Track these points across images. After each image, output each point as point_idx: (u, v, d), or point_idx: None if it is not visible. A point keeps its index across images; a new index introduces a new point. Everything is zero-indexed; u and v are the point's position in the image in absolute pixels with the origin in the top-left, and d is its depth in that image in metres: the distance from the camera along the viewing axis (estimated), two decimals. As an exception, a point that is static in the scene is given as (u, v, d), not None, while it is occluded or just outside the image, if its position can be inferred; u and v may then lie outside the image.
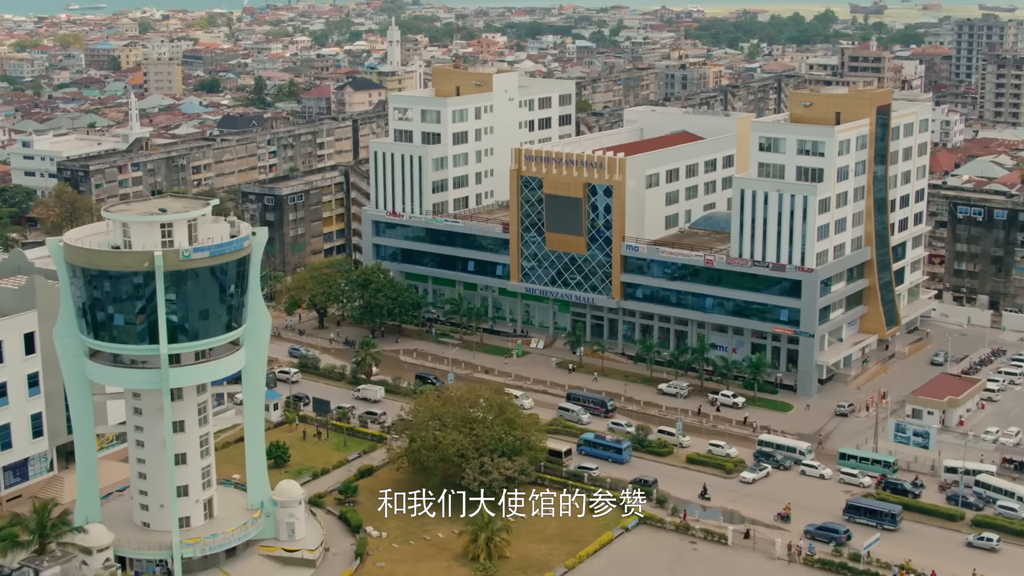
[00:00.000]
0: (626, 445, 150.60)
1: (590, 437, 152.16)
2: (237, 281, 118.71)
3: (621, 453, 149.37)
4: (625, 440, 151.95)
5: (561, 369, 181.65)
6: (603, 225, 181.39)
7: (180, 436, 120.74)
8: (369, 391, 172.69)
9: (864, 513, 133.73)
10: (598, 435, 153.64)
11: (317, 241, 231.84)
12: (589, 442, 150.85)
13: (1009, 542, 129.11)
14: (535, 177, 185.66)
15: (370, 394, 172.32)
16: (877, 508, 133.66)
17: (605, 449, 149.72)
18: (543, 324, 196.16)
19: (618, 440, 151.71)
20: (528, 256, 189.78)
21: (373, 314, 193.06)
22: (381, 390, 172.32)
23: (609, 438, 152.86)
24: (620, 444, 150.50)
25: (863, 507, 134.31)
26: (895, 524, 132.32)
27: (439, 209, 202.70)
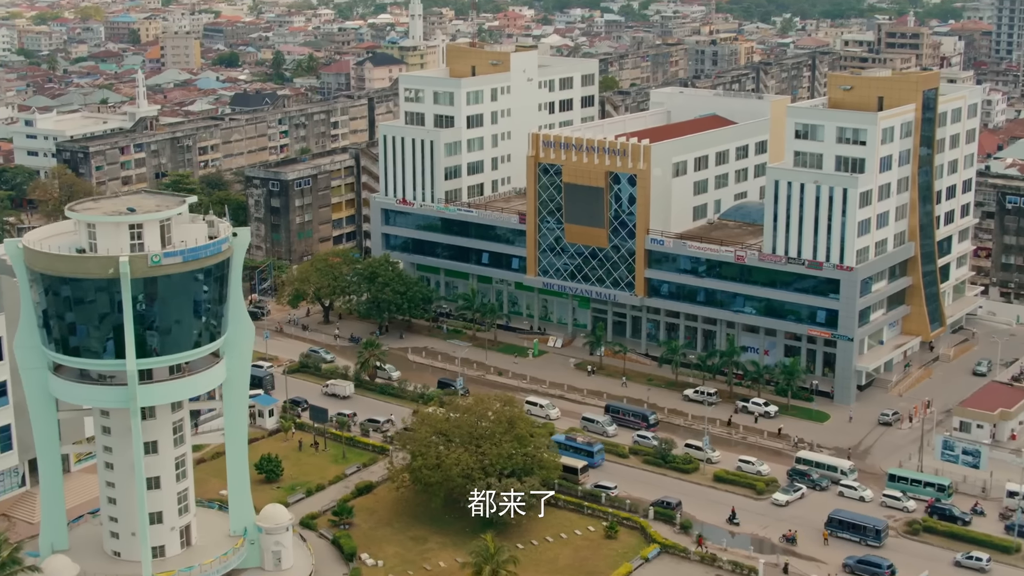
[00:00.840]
0: (598, 448, 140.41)
1: (560, 439, 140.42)
2: (215, 288, 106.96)
3: (593, 456, 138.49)
4: (597, 443, 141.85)
5: (580, 371, 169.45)
6: (626, 216, 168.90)
7: (153, 458, 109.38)
8: (338, 387, 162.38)
9: (847, 528, 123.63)
10: (569, 436, 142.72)
11: (325, 228, 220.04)
12: (560, 444, 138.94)
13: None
14: (554, 164, 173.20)
15: (339, 390, 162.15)
16: (860, 523, 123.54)
17: (576, 452, 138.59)
18: (562, 321, 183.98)
19: (590, 443, 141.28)
20: (546, 249, 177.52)
21: (380, 309, 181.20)
22: (350, 386, 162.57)
23: (581, 440, 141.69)
24: (592, 447, 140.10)
25: (845, 521, 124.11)
26: (879, 541, 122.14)
27: (452, 197, 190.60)
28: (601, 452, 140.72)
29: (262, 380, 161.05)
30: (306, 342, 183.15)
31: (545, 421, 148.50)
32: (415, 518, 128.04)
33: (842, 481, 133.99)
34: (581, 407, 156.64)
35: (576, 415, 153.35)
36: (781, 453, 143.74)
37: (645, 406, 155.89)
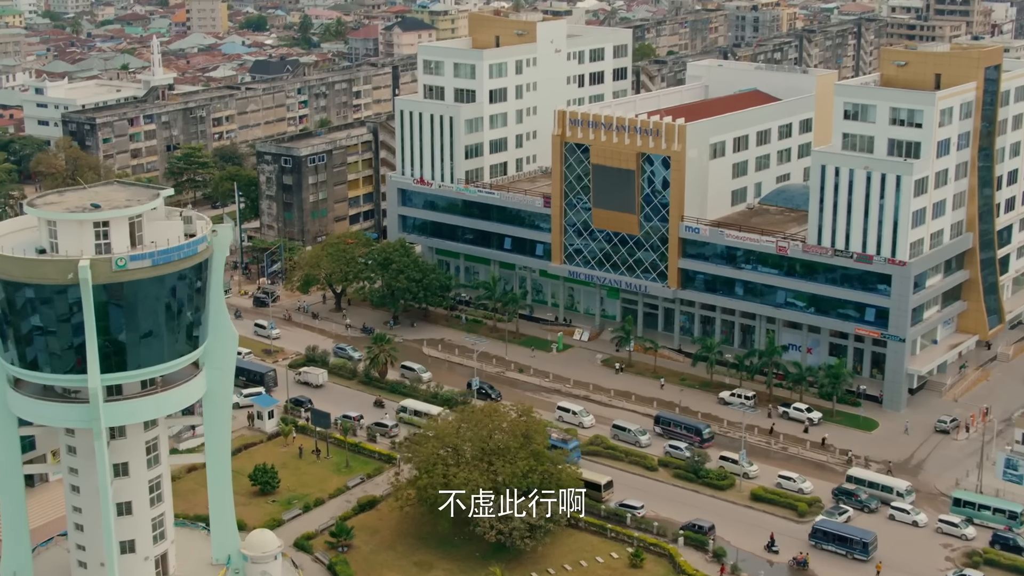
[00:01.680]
0: (573, 445, 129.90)
1: None
2: (192, 293, 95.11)
3: (568, 454, 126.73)
4: (573, 439, 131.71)
5: (607, 368, 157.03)
6: (659, 201, 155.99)
7: (124, 481, 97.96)
8: (310, 375, 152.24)
9: (832, 539, 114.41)
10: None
11: (341, 207, 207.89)
12: None
13: None
14: (581, 144, 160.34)
15: (311, 378, 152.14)
16: (848, 534, 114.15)
17: (551, 447, 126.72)
18: (589, 311, 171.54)
19: (565, 438, 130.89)
20: (572, 234, 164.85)
21: (394, 297, 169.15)
22: (324, 373, 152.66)
23: (555, 436, 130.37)
24: (568, 443, 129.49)
25: (831, 532, 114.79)
26: (867, 554, 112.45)
27: (473, 177, 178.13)
28: (577, 449, 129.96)
29: (263, 378, 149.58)
30: (315, 332, 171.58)
31: (577, 429, 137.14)
32: (420, 540, 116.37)
33: (893, 503, 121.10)
34: (609, 411, 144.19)
35: (606, 421, 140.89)
36: (825, 467, 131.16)
37: (677, 410, 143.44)
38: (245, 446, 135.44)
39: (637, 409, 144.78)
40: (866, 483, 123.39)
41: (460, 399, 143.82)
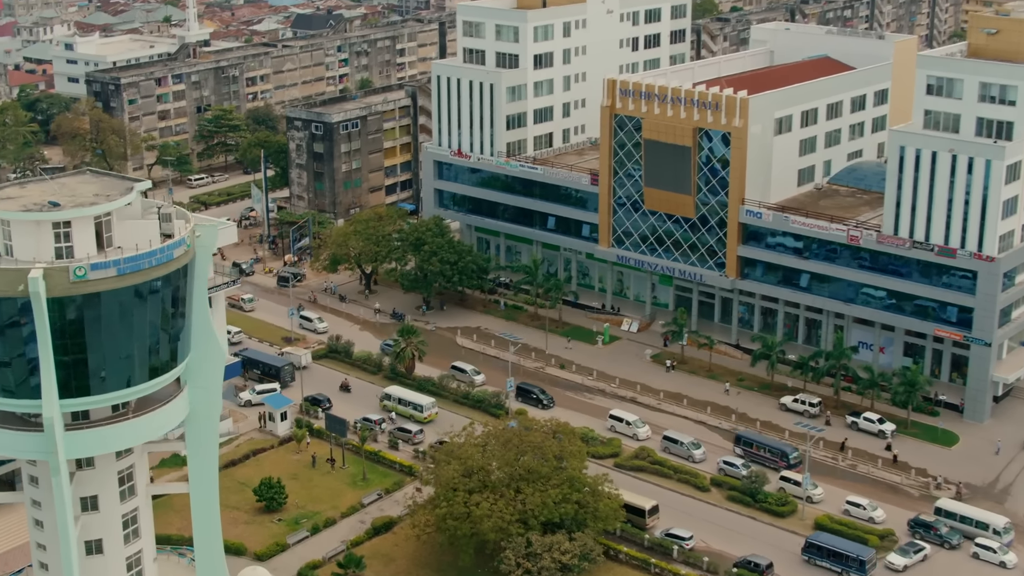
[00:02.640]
0: None
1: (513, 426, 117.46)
2: (170, 304, 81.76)
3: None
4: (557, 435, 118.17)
5: (657, 365, 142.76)
6: (717, 182, 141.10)
7: (93, 517, 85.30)
8: (293, 356, 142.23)
9: (825, 555, 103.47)
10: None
11: (376, 177, 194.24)
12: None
13: None
14: (632, 117, 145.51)
15: (293, 359, 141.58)
16: (843, 550, 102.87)
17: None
18: (639, 298, 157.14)
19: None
20: (622, 215, 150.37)
21: (427, 281, 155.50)
22: (308, 354, 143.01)
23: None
24: None
25: (825, 547, 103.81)
26: (863, 572, 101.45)
27: (515, 149, 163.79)
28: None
29: (279, 372, 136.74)
30: (341, 316, 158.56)
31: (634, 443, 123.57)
32: (440, 573, 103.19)
33: (979, 540, 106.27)
34: (657, 417, 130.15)
35: (654, 427, 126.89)
36: (899, 490, 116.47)
37: (734, 417, 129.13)
38: (254, 452, 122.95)
39: (689, 415, 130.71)
40: (957, 516, 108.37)
41: (494, 401, 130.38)
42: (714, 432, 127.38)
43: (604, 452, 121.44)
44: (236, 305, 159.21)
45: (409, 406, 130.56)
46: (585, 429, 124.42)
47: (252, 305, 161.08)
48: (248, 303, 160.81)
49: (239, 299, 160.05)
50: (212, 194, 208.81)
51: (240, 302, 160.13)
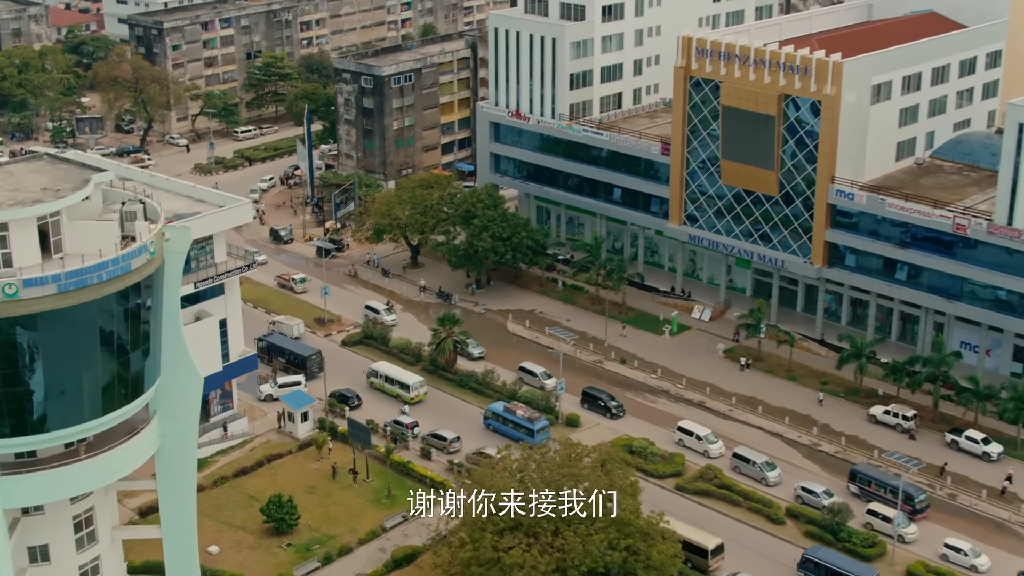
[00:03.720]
0: (540, 426, 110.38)
1: (498, 409, 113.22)
2: (127, 324, 67.46)
3: (533, 435, 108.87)
4: (541, 418, 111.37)
5: (730, 362, 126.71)
6: (804, 157, 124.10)
7: (42, 570, 71.70)
8: (284, 325, 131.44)
9: (822, 572, 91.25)
10: (508, 407, 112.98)
11: (431, 135, 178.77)
12: (497, 415, 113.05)
13: None
14: (710, 80, 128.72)
15: (286, 329, 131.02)
16: (840, 568, 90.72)
17: (516, 428, 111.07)
18: (713, 280, 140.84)
19: (531, 418, 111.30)
20: (695, 190, 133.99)
21: (476, 258, 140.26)
22: (300, 324, 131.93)
23: (520, 414, 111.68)
24: (533, 424, 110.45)
25: (821, 563, 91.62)
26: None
27: (579, 111, 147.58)
28: (545, 431, 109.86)
29: (306, 362, 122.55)
30: (383, 294, 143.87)
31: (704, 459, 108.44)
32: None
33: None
34: (727, 426, 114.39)
35: (729, 442, 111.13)
36: (1006, 528, 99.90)
37: (816, 430, 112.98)
38: (268, 458, 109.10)
39: (764, 424, 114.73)
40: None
41: (543, 403, 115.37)
42: (792, 448, 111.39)
43: (665, 471, 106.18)
44: (286, 286, 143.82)
45: (396, 384, 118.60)
46: (644, 442, 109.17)
47: (304, 286, 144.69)
48: (299, 284, 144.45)
49: (289, 279, 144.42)
50: (258, 148, 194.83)
51: (291, 283, 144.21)
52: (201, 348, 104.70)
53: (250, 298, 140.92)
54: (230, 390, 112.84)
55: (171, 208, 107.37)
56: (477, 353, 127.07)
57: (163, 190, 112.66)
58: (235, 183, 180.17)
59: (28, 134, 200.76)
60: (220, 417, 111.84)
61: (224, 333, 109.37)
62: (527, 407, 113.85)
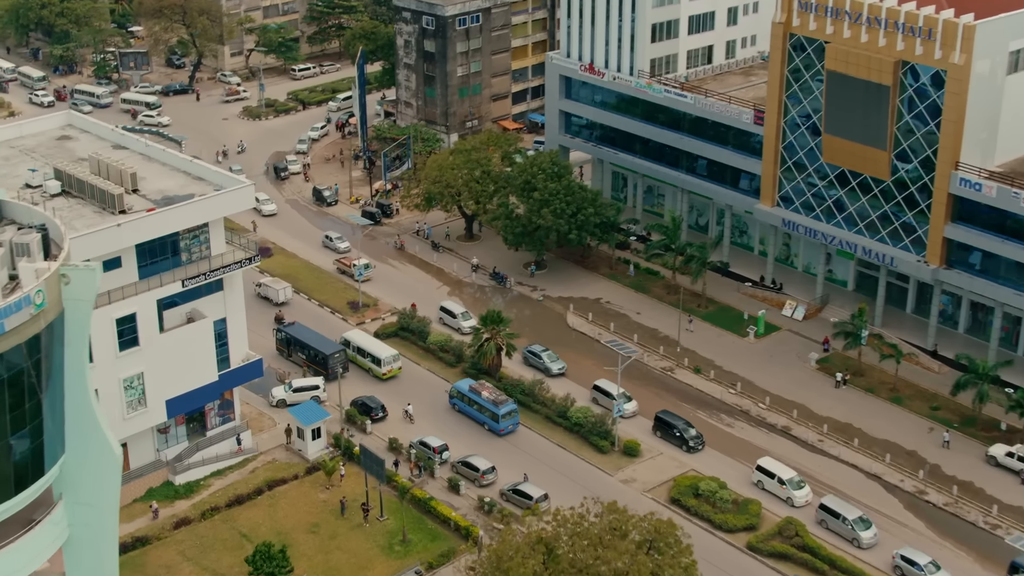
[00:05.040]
0: (507, 410, 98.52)
1: (464, 388, 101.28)
2: (7, 398, 51.07)
3: (497, 420, 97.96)
4: (508, 401, 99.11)
5: (823, 376, 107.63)
6: (923, 136, 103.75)
7: None
8: (270, 289, 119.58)
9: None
10: (474, 387, 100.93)
11: (501, 82, 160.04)
12: (462, 395, 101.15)
13: None
14: (813, 39, 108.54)
15: (271, 293, 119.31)
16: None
17: (481, 410, 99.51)
18: (810, 269, 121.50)
19: (496, 400, 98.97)
20: (792, 168, 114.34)
21: (536, 237, 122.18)
22: (288, 288, 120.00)
23: (486, 395, 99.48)
24: (498, 407, 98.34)
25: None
26: None
27: (662, 67, 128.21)
28: (513, 416, 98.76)
29: (327, 361, 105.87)
30: (428, 273, 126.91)
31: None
32: None
33: None
34: (817, 463, 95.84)
35: (817, 486, 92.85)
36: None
37: (923, 472, 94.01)
38: (270, 484, 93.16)
39: (860, 462, 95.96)
40: None
41: (599, 428, 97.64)
42: (892, 495, 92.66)
43: (736, 524, 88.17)
44: (347, 272, 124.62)
45: (368, 357, 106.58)
46: (714, 483, 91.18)
47: (369, 274, 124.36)
48: (363, 271, 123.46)
49: (350, 265, 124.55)
50: (314, 90, 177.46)
51: (352, 269, 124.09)
52: (192, 356, 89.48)
53: (281, 274, 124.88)
54: (231, 399, 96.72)
55: (163, 187, 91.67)
56: (556, 369, 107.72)
57: (159, 163, 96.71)
58: (285, 130, 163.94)
59: (72, 68, 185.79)
60: (218, 431, 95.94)
61: (223, 335, 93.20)
62: (494, 388, 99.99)
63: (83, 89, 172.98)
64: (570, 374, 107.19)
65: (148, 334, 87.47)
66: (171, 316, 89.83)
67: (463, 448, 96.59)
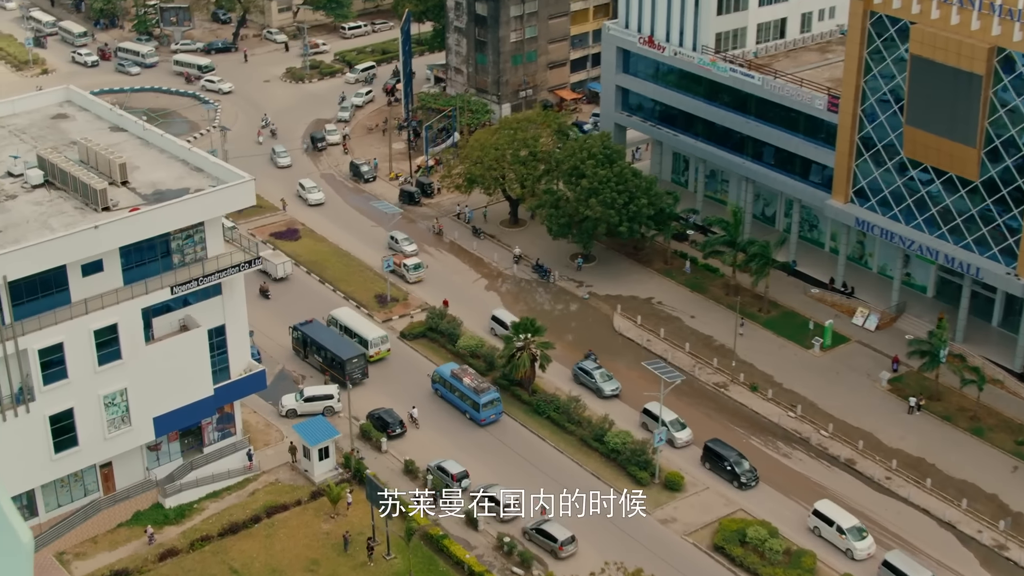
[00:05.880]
0: (488, 399, 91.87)
1: (446, 373, 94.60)
2: None
3: (478, 410, 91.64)
4: (490, 389, 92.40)
5: (895, 399, 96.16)
6: (1019, 134, 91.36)
7: None
8: (268, 263, 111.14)
9: None
10: (456, 372, 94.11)
11: (559, 49, 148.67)
12: (444, 380, 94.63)
13: None
14: (897, 19, 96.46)
15: (270, 267, 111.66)
16: None
17: (462, 398, 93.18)
18: (885, 271, 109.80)
19: (478, 388, 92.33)
20: (869, 162, 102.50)
21: (583, 230, 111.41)
22: (287, 263, 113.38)
23: (467, 382, 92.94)
24: (479, 396, 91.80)
25: None
26: None
27: (729, 42, 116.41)
28: (495, 405, 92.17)
29: (344, 367, 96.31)
30: (466, 264, 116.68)
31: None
32: None
33: None
34: (883, 505, 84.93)
35: (883, 536, 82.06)
36: None
37: (1004, 524, 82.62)
38: (268, 511, 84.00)
39: (932, 507, 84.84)
40: None
41: (639, 457, 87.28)
42: (968, 547, 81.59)
43: (786, 579, 77.64)
44: (397, 272, 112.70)
45: (355, 338, 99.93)
46: (764, 530, 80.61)
47: (420, 275, 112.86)
48: (413, 271, 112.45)
49: (400, 264, 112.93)
50: (363, 50, 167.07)
51: (402, 269, 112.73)
52: (183, 369, 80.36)
53: (307, 260, 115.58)
54: (232, 412, 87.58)
55: (156, 178, 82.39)
56: (609, 390, 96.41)
57: (157, 149, 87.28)
58: (327, 94, 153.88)
59: (113, 22, 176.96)
60: (216, 447, 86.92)
61: (223, 344, 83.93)
62: (477, 375, 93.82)
63: (128, 48, 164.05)
64: (624, 394, 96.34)
65: (132, 346, 78.40)
66: (162, 323, 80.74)
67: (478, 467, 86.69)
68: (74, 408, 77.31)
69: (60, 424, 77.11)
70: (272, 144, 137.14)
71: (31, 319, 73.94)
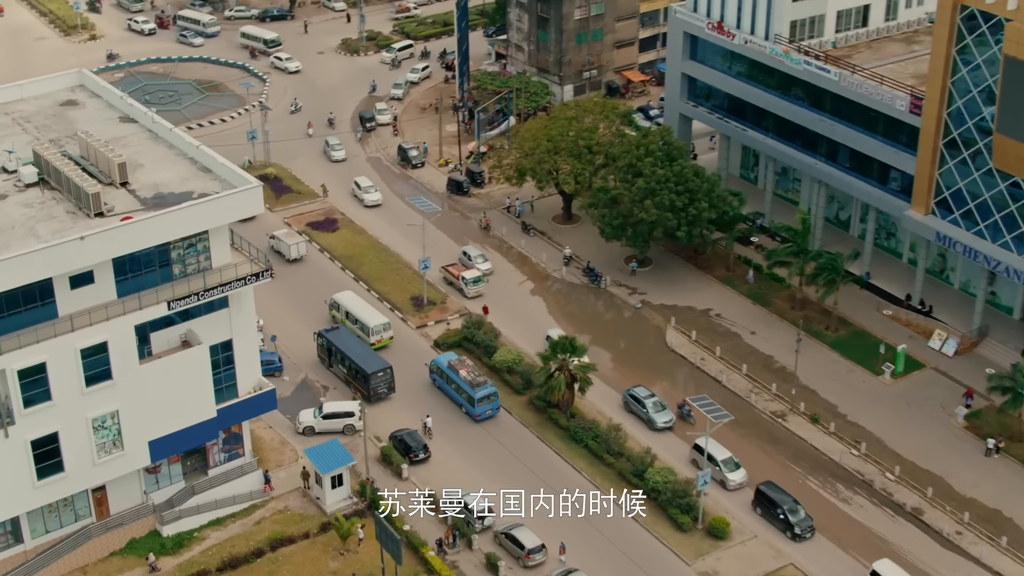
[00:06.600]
0: (484, 394, 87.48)
1: (443, 364, 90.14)
2: None
3: (473, 404, 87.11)
4: (486, 383, 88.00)
5: (972, 439, 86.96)
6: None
7: None
8: (282, 243, 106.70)
9: None
10: (453, 364, 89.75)
11: (627, 27, 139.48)
12: (441, 371, 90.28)
13: None
14: (991, 15, 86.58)
15: (283, 248, 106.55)
16: None
17: (458, 391, 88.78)
18: (967, 288, 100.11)
19: (473, 382, 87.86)
20: (955, 170, 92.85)
21: (637, 233, 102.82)
22: (302, 244, 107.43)
23: (463, 375, 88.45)
24: (475, 390, 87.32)
25: None
26: None
27: (805, 30, 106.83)
28: (491, 400, 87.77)
29: (368, 380, 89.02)
30: (512, 262, 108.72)
31: None
32: None
33: None
34: (950, 563, 76.12)
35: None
36: None
37: (1085, 594, 73.67)
38: (272, 544, 77.10)
39: (1007, 570, 75.84)
40: None
41: (681, 500, 79.07)
42: (1048, 626, 72.65)
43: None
44: (454, 284, 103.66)
45: (356, 324, 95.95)
46: (814, 593, 72.33)
47: (479, 289, 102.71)
48: (472, 285, 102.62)
49: (459, 276, 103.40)
50: (424, 21, 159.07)
51: (460, 282, 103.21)
52: (182, 389, 73.65)
53: (342, 255, 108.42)
54: (240, 432, 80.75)
55: (160, 179, 75.48)
56: (662, 422, 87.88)
57: (165, 144, 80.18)
58: (382, 69, 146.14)
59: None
60: (222, 469, 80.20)
61: (230, 360, 77.04)
62: (473, 368, 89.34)
63: (188, 16, 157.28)
64: (678, 427, 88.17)
65: (124, 365, 71.67)
66: (162, 339, 73.92)
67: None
68: (59, 432, 70.87)
69: (43, 449, 70.77)
70: (327, 135, 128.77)
71: (10, 336, 67.42)
